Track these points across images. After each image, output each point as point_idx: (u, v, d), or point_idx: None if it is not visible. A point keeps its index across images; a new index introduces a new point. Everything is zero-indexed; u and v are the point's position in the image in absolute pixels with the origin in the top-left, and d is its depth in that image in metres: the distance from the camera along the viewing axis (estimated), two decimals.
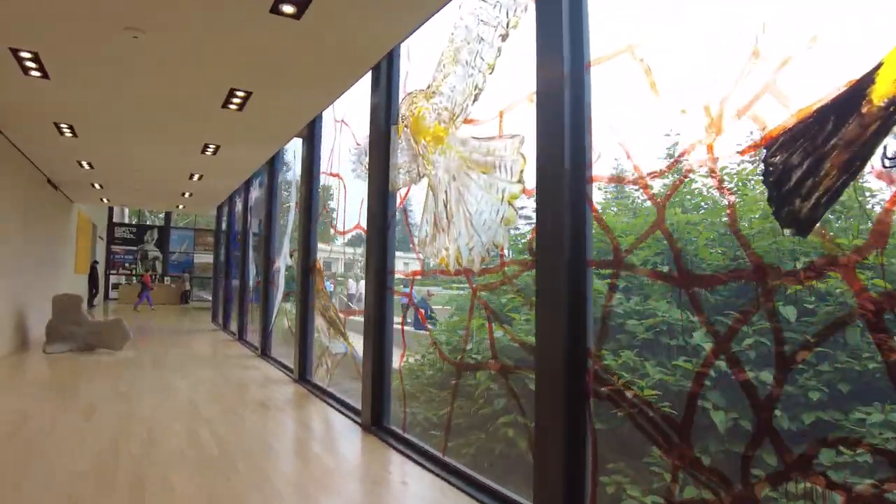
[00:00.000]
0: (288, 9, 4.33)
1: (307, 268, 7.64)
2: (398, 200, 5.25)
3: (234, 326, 13.75)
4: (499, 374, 4.33)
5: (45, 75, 5.82)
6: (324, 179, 7.70)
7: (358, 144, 6.31)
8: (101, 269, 22.43)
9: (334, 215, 7.45)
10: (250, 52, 5.11)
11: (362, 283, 7.57)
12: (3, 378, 7.37)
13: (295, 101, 6.41)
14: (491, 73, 3.98)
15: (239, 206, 13.75)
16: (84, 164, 10.61)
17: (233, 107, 6.55)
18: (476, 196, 3.90)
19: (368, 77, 5.75)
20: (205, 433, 5.03)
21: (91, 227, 20.88)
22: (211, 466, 4.24)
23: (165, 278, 25.84)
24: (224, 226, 16.41)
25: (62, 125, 7.81)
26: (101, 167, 10.95)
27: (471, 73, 4.16)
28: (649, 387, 3.83)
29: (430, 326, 5.46)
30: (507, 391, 4.50)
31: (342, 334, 6.57)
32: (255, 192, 12.19)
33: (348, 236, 7.57)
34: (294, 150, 9.14)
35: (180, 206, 17.22)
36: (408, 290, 5.52)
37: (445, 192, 4.28)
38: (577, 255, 3.05)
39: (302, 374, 7.61)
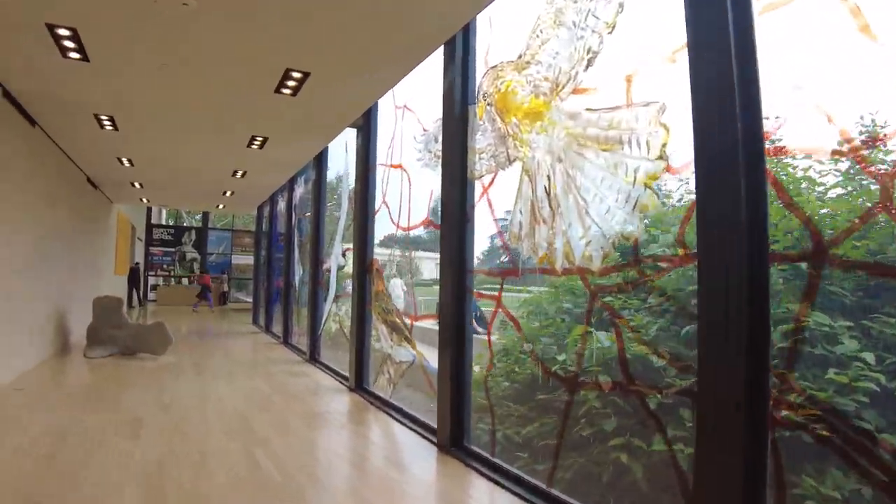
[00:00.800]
0: None
1: (364, 268, 7.05)
2: (480, 190, 4.60)
3: (276, 329, 13.29)
4: (610, 391, 3.67)
5: (84, 57, 5.31)
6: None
7: (425, 130, 5.69)
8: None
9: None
10: (311, 23, 4.52)
11: (393, 281, 6.95)
12: (43, 387, 6.92)
13: (355, 83, 5.76)
14: (610, 33, 3.32)
15: (282, 206, 13.27)
16: (124, 160, 10.19)
17: (287, 91, 5.97)
18: (594, 179, 3.24)
19: (437, 54, 5.13)
20: (262, 454, 4.45)
21: (130, 228, 20.67)
22: (275, 497, 3.65)
23: None
24: (265, 226, 15.99)
25: (102, 116, 7.34)
26: (142, 164, 10.52)
27: (580, 34, 3.51)
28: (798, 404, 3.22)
29: (480, 329, 4.83)
30: (617, 410, 3.85)
31: (408, 340, 5.95)
32: (300, 191, 11.69)
33: (380, 237, 7.05)
34: (346, 141, 8.57)
35: (221, 206, 16.79)
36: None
37: (548, 176, 3.62)
38: (756, 248, 2.37)
39: (359, 383, 7.02)
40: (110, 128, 7.83)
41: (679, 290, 3.56)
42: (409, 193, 6.07)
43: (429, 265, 7.80)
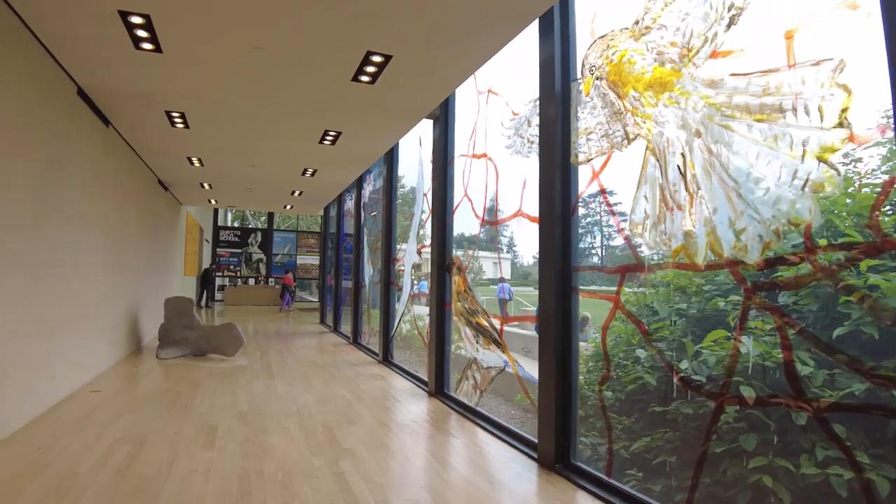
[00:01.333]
0: None
1: (443, 266, 6.65)
2: (590, 175, 4.11)
3: (345, 328, 13.06)
4: (748, 406, 3.15)
5: (157, 48, 5.08)
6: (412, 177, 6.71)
7: (515, 114, 5.24)
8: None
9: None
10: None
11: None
12: (119, 390, 6.77)
13: (438, 66, 5.32)
14: None
15: (350, 205, 13.04)
16: (194, 160, 10.09)
17: (365, 78, 5.61)
18: (748, 154, 2.73)
19: (528, 29, 4.66)
20: (351, 471, 4.08)
21: (198, 229, 20.92)
22: None
23: (269, 280, 25.94)
24: (333, 226, 15.83)
25: (174, 113, 7.16)
26: (212, 163, 10.41)
27: None
28: None
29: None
30: (752, 425, 3.32)
31: (496, 344, 5.50)
32: (369, 189, 11.42)
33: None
34: (420, 135, 8.19)
35: (288, 207, 16.68)
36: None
37: (682, 154, 3.12)
38: None
39: (439, 388, 6.62)
40: (181, 125, 7.67)
41: (818, 287, 3.01)
42: (495, 184, 5.63)
43: (485, 264, 7.37)
